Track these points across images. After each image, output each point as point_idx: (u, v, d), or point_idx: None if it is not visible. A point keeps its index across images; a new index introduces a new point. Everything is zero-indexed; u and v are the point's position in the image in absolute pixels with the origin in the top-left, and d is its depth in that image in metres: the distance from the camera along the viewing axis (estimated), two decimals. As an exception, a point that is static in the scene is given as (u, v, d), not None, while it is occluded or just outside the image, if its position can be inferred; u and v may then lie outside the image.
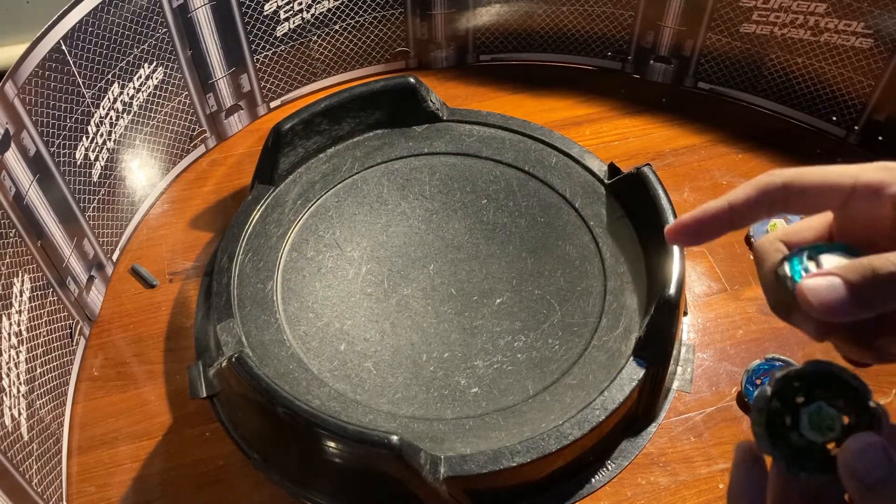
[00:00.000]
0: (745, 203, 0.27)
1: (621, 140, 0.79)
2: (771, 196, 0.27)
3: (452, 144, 0.70)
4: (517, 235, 0.64)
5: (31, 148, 0.56)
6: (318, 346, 0.57)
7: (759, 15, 0.76)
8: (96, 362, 0.63)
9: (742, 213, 0.27)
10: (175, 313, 0.66)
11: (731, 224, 0.27)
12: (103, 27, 0.62)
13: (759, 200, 0.27)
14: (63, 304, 0.61)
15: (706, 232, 0.28)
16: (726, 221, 0.27)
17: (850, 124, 0.77)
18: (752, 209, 0.27)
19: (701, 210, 0.28)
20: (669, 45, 0.82)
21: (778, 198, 0.27)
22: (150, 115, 0.71)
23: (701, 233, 0.28)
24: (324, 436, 0.49)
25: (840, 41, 0.74)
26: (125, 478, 0.57)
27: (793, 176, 0.27)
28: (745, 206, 0.27)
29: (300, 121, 0.67)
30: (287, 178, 0.67)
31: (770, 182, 0.27)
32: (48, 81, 0.57)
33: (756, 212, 0.27)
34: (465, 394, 0.55)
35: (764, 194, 0.27)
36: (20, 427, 0.51)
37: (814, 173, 0.27)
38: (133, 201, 0.72)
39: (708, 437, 0.58)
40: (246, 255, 0.62)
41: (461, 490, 0.51)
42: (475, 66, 0.89)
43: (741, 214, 0.27)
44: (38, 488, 0.51)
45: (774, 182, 0.27)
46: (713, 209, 0.27)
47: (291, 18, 0.77)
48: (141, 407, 0.60)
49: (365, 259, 0.63)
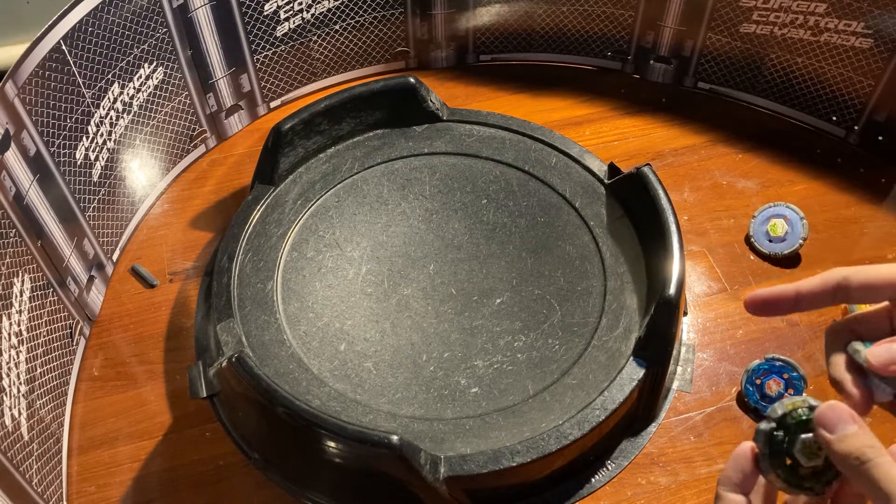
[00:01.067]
0: (811, 293, 0.34)
1: (621, 140, 0.79)
2: (832, 289, 0.33)
3: (452, 144, 0.70)
4: (517, 235, 0.64)
5: (32, 148, 0.56)
6: (318, 345, 0.57)
7: (759, 15, 0.76)
8: (96, 362, 0.63)
9: (808, 300, 0.34)
10: (175, 313, 0.66)
11: (797, 306, 0.34)
12: (103, 27, 0.62)
13: (824, 291, 0.33)
14: (63, 304, 0.61)
15: (775, 310, 0.35)
16: (793, 304, 0.34)
17: (850, 124, 0.77)
18: (817, 297, 0.34)
19: (776, 291, 0.34)
20: (669, 45, 0.82)
21: (839, 291, 0.33)
22: (151, 115, 0.71)
23: (771, 309, 0.35)
24: (324, 436, 0.49)
25: (840, 41, 0.74)
26: (125, 477, 0.57)
27: (849, 273, 0.33)
28: (811, 295, 0.34)
29: (300, 121, 0.67)
30: (287, 178, 0.67)
31: (829, 278, 0.33)
32: (48, 81, 0.57)
33: (821, 299, 0.34)
34: (466, 394, 0.55)
35: (826, 287, 0.33)
36: (20, 427, 0.51)
37: (867, 272, 0.33)
38: (133, 201, 0.72)
39: (708, 437, 0.58)
40: (246, 255, 0.62)
41: (461, 490, 0.51)
42: (475, 66, 0.89)
43: (808, 301, 0.34)
44: (39, 488, 0.51)
45: (834, 277, 0.33)
46: (784, 293, 0.34)
47: (291, 18, 0.77)
48: (141, 407, 0.60)
49: (365, 259, 0.63)
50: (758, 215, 0.70)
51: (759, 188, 0.74)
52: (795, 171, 0.76)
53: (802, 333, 0.64)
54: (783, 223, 0.69)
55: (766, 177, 0.75)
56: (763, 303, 0.35)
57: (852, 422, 0.30)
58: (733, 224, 0.72)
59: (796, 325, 0.64)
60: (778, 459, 0.33)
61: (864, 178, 0.75)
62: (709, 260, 0.69)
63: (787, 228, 0.68)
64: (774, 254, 0.69)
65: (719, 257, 0.69)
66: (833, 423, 0.31)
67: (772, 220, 0.69)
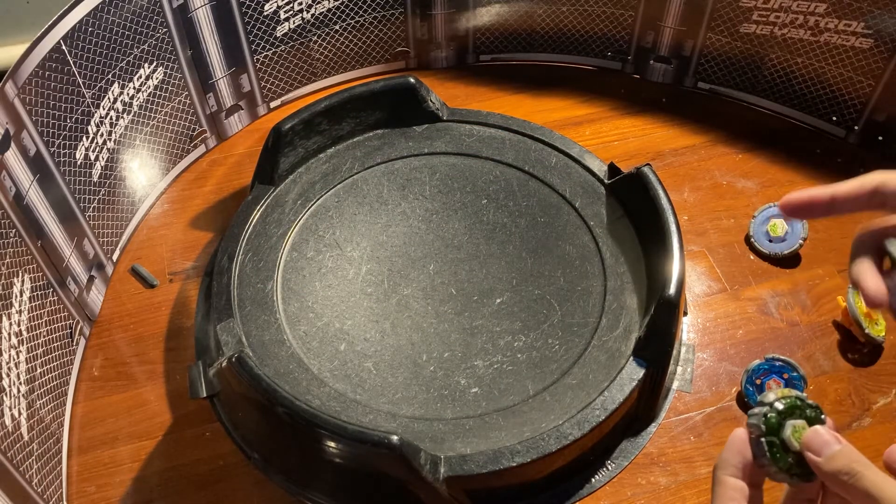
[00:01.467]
0: (847, 196, 0.34)
1: (621, 140, 0.79)
2: (868, 193, 0.33)
3: (452, 144, 0.70)
4: (517, 235, 0.64)
5: (32, 148, 0.56)
6: (318, 345, 0.57)
7: (759, 15, 0.76)
8: (96, 362, 0.63)
9: (844, 203, 0.34)
10: (175, 313, 0.66)
11: (832, 210, 0.34)
12: (103, 27, 0.62)
13: (860, 195, 0.33)
14: (63, 304, 0.61)
15: (809, 212, 0.35)
16: (828, 207, 0.34)
17: (850, 124, 0.77)
18: (853, 201, 0.34)
19: (811, 193, 0.35)
20: (669, 45, 0.82)
21: (875, 195, 0.33)
22: (151, 115, 0.71)
23: (806, 212, 0.35)
24: (324, 436, 0.49)
25: (840, 41, 0.74)
26: (125, 478, 0.57)
27: (888, 178, 0.33)
28: (846, 198, 0.34)
29: (300, 121, 0.67)
30: (287, 178, 0.67)
31: (867, 181, 0.33)
32: (48, 81, 0.57)
33: (856, 203, 0.34)
34: (466, 394, 0.55)
35: (863, 191, 0.33)
36: (20, 427, 0.51)
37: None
38: (133, 201, 0.72)
39: (708, 437, 0.58)
40: (246, 255, 0.62)
41: (461, 490, 0.51)
42: (475, 66, 0.88)
43: (843, 204, 0.34)
44: (39, 488, 0.51)
45: (872, 181, 0.33)
46: (819, 196, 0.34)
47: (291, 18, 0.77)
48: (141, 407, 0.60)
49: (365, 259, 0.63)
50: (758, 215, 0.70)
51: (759, 188, 0.74)
52: (795, 171, 0.76)
53: (802, 333, 0.64)
54: (783, 223, 0.69)
55: (766, 177, 0.75)
56: (798, 205, 0.35)
57: (836, 442, 0.32)
58: (733, 224, 0.72)
59: (796, 325, 0.65)
60: (769, 442, 0.34)
61: (864, 178, 0.75)
62: (709, 260, 0.69)
63: (787, 228, 0.68)
64: (774, 254, 0.69)
65: (719, 257, 0.69)
66: (819, 447, 0.32)
67: (772, 220, 0.69)
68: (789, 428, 0.34)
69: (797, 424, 0.34)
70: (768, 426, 0.34)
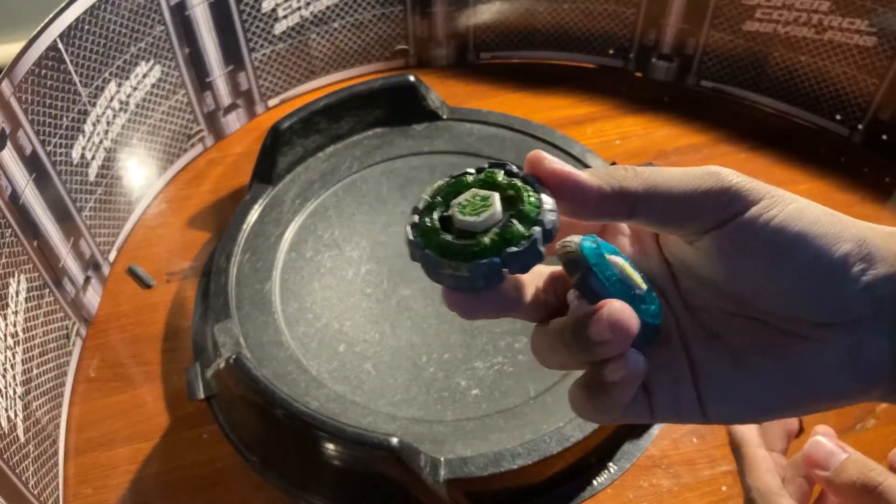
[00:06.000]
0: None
1: (623, 139, 0.79)
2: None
3: (452, 143, 0.69)
4: (518, 235, 0.64)
5: (28, 147, 0.56)
6: (316, 347, 0.57)
7: (762, 13, 0.76)
8: (93, 363, 0.63)
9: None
10: (172, 314, 0.65)
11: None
12: (100, 25, 0.61)
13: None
14: (59, 304, 0.60)
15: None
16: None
17: (854, 123, 0.76)
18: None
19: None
20: (672, 43, 0.82)
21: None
22: (147, 113, 0.70)
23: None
24: (323, 438, 0.48)
25: (844, 39, 0.73)
26: (122, 480, 0.56)
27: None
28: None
29: (299, 119, 0.66)
30: (285, 178, 0.67)
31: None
32: (44, 80, 0.57)
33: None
34: (466, 395, 0.55)
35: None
36: (16, 429, 0.50)
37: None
38: (130, 201, 0.71)
39: (711, 439, 0.58)
40: (244, 255, 0.61)
41: (461, 492, 0.50)
42: (475, 64, 0.88)
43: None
44: (35, 490, 0.51)
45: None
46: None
47: (290, 16, 0.77)
48: (138, 408, 0.60)
49: (364, 259, 0.63)
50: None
51: (761, 187, 0.74)
52: (798, 171, 0.75)
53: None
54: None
55: (769, 176, 0.75)
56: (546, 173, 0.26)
57: (842, 451, 0.30)
58: (736, 223, 0.71)
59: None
60: (442, 202, 0.25)
61: (868, 178, 0.74)
62: (711, 260, 0.69)
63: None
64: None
65: (722, 257, 0.69)
66: (825, 459, 0.30)
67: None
68: (469, 195, 0.24)
69: (482, 196, 0.23)
70: (453, 183, 0.24)
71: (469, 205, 0.24)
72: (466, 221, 0.23)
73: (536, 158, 0.25)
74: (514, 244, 0.23)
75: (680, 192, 0.25)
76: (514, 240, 0.23)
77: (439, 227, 0.24)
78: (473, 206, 0.24)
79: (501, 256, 0.23)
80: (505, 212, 0.24)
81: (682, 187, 0.25)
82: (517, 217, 0.23)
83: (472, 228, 0.23)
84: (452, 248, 0.23)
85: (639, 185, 0.25)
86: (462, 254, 0.23)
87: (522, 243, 0.23)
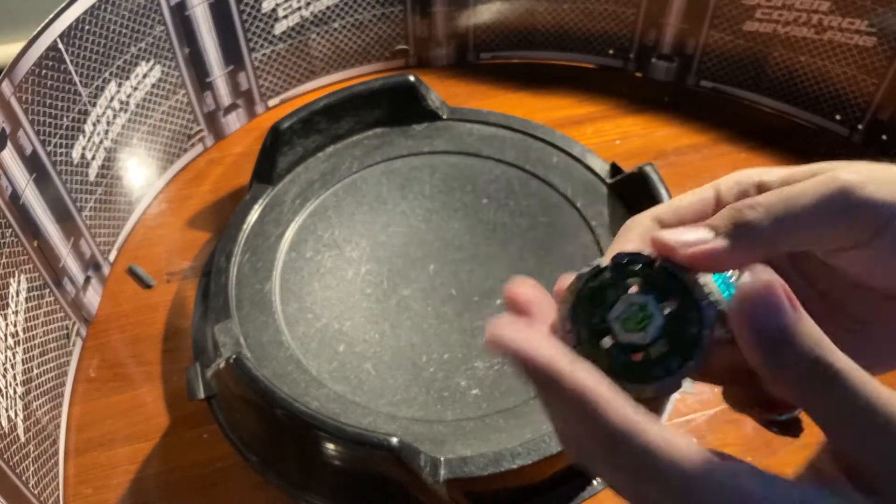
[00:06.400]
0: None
1: (623, 139, 0.79)
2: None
3: (452, 143, 0.69)
4: (518, 235, 0.64)
5: (28, 147, 0.56)
6: (316, 347, 0.57)
7: (762, 13, 0.76)
8: (93, 363, 0.63)
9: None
10: (172, 314, 0.65)
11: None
12: (100, 25, 0.61)
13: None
14: (60, 304, 0.60)
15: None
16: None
17: (854, 123, 0.76)
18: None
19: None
20: (672, 43, 0.82)
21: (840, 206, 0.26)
22: (148, 113, 0.70)
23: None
24: (323, 438, 0.48)
25: (844, 39, 0.73)
26: (122, 480, 0.56)
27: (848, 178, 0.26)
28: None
29: (299, 119, 0.66)
30: (285, 178, 0.67)
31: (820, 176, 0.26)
32: (45, 80, 0.57)
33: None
34: (466, 395, 0.55)
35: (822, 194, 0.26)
36: (17, 429, 0.50)
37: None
38: (130, 201, 0.71)
39: (711, 440, 0.58)
40: (244, 256, 0.61)
41: (461, 492, 0.50)
42: (475, 64, 0.88)
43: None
44: (35, 490, 0.51)
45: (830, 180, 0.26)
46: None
47: (290, 16, 0.77)
48: (138, 408, 0.60)
49: (364, 259, 0.63)
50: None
51: (761, 187, 0.74)
52: (798, 170, 0.75)
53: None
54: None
55: (769, 176, 0.75)
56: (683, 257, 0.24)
57: (794, 309, 0.21)
58: (736, 223, 0.71)
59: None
60: (586, 315, 0.22)
61: (868, 178, 0.74)
62: (711, 260, 0.69)
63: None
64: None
65: (722, 257, 0.69)
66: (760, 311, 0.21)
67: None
68: (623, 303, 0.22)
69: (636, 300, 0.22)
70: (584, 293, 0.22)
71: (630, 319, 0.22)
72: (633, 339, 0.22)
73: (666, 249, 0.23)
74: (689, 354, 0.22)
75: (812, 216, 0.24)
76: (686, 346, 0.22)
77: (607, 350, 0.22)
78: (635, 319, 0.22)
79: (681, 371, 0.22)
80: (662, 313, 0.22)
81: (813, 208, 0.24)
82: (679, 320, 0.22)
83: (639, 342, 0.22)
84: (630, 370, 0.22)
85: (767, 223, 0.23)
86: (640, 374, 0.22)
87: (695, 352, 0.22)
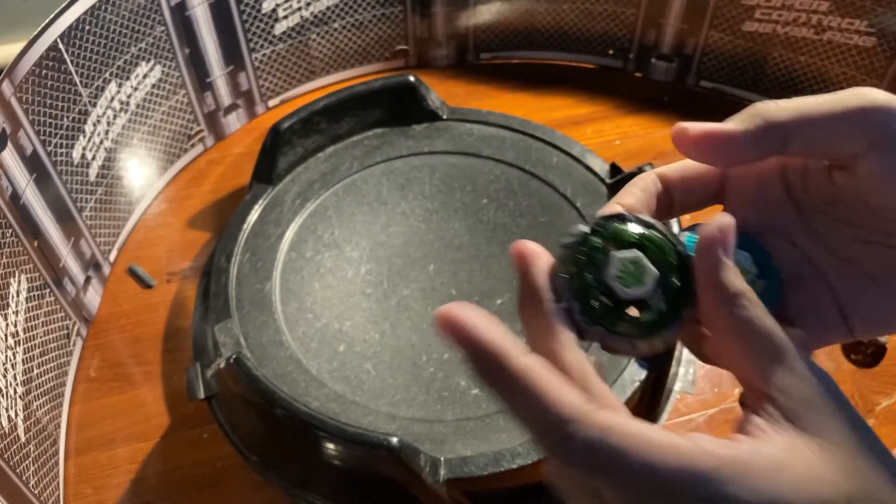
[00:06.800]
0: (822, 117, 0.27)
1: (623, 139, 0.79)
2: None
3: (452, 143, 0.69)
4: (518, 235, 0.64)
5: (28, 147, 0.56)
6: (316, 347, 0.57)
7: (761, 13, 0.76)
8: (93, 363, 0.63)
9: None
10: (172, 314, 0.65)
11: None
12: (100, 25, 0.61)
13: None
14: (60, 304, 0.60)
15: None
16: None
17: (853, 123, 0.77)
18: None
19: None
20: (671, 44, 0.82)
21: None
22: (148, 113, 0.70)
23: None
24: (323, 437, 0.48)
25: (843, 39, 0.73)
26: (123, 479, 0.56)
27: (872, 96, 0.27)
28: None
29: (299, 120, 0.66)
30: (286, 178, 0.67)
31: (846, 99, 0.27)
32: (45, 80, 0.57)
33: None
34: (466, 395, 0.55)
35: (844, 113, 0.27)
36: (17, 429, 0.50)
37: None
38: (130, 201, 0.71)
39: (710, 439, 0.58)
40: (244, 256, 0.61)
41: (461, 492, 0.50)
42: (475, 64, 0.88)
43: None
44: (36, 490, 0.51)
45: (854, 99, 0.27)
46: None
47: (290, 16, 0.77)
48: (138, 408, 0.60)
49: (364, 259, 0.63)
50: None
51: (761, 187, 0.74)
52: (798, 171, 0.75)
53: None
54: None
55: (769, 176, 0.75)
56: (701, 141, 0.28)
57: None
58: (735, 224, 0.71)
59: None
60: (580, 280, 0.23)
61: (868, 178, 0.74)
62: (711, 260, 0.69)
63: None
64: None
65: (721, 257, 0.69)
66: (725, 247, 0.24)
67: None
68: (616, 262, 0.23)
69: (630, 258, 0.23)
70: (578, 259, 0.23)
71: (626, 275, 0.24)
72: (635, 294, 0.24)
73: (682, 135, 0.27)
74: (686, 298, 0.24)
75: (828, 114, 0.25)
76: (681, 291, 0.24)
77: (612, 306, 0.24)
78: (631, 275, 0.24)
79: (681, 317, 0.24)
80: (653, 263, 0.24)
81: (830, 110, 0.25)
82: (665, 266, 0.24)
83: (642, 296, 0.24)
84: (638, 326, 0.24)
85: (786, 115, 0.26)
86: (648, 327, 0.24)
87: (690, 294, 0.24)
